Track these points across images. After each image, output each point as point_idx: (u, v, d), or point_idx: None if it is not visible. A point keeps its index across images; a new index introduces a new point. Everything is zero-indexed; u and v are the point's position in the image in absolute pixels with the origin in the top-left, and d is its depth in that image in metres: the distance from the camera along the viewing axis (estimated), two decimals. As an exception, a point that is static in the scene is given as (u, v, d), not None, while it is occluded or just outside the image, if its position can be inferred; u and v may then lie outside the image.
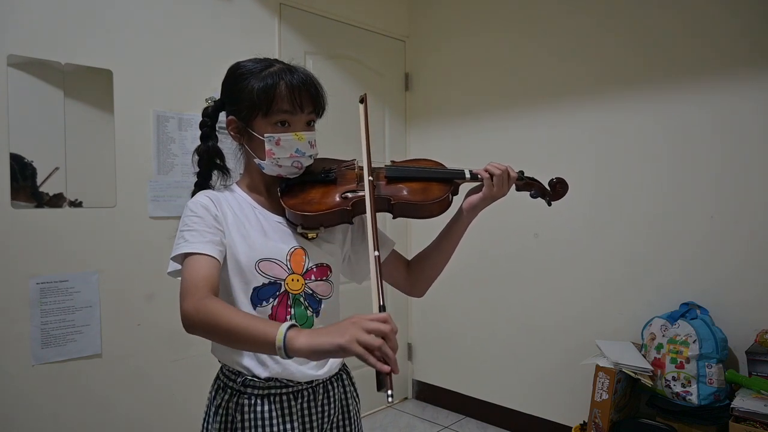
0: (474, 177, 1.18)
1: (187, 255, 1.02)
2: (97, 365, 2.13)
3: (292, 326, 0.88)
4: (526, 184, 1.23)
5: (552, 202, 1.26)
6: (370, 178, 1.07)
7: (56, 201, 2.04)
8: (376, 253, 0.94)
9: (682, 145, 2.34)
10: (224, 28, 2.53)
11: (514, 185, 1.20)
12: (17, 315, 1.94)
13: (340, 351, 0.82)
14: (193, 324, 0.94)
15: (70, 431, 2.07)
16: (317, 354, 0.85)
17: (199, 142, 1.19)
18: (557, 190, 1.25)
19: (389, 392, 0.79)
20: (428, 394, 3.40)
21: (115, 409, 2.18)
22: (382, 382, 0.80)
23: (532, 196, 1.26)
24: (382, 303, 0.88)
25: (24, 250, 1.97)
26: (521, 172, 1.21)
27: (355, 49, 3.16)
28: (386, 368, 0.80)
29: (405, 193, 1.15)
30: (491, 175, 1.16)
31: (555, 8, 2.75)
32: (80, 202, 2.10)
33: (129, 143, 2.23)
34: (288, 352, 0.86)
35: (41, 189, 2.01)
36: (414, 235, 3.38)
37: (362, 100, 1.18)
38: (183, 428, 2.34)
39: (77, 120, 2.09)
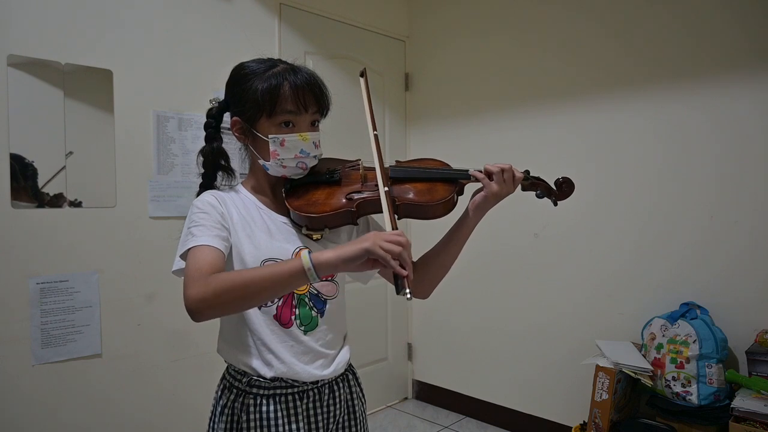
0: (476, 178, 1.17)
1: (191, 248, 1.01)
2: (97, 365, 2.12)
3: (309, 252, 0.94)
4: (532, 183, 1.22)
5: (558, 202, 1.24)
6: (376, 132, 1.12)
7: (56, 201, 2.03)
8: (386, 188, 1.05)
9: (681, 145, 2.35)
10: (224, 28, 2.53)
11: (519, 185, 1.19)
12: (17, 315, 1.94)
13: (365, 255, 0.92)
14: (206, 301, 0.91)
15: (70, 431, 2.07)
16: (345, 261, 0.93)
17: (202, 143, 1.19)
18: (563, 189, 1.23)
19: (407, 291, 0.90)
20: (428, 394, 3.40)
21: (115, 409, 2.17)
22: (401, 284, 0.91)
23: (538, 196, 1.24)
24: (394, 225, 0.99)
25: (24, 250, 1.96)
26: (527, 172, 1.20)
27: (355, 49, 3.16)
28: (404, 272, 0.91)
29: (410, 194, 1.14)
30: (489, 174, 1.14)
31: (554, 9, 2.75)
32: (80, 202, 2.09)
33: (129, 143, 2.22)
34: (318, 270, 0.92)
35: (44, 189, 2.00)
36: (415, 236, 3.38)
37: (362, 74, 1.19)
38: (183, 428, 2.34)
39: (77, 120, 2.08)
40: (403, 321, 3.46)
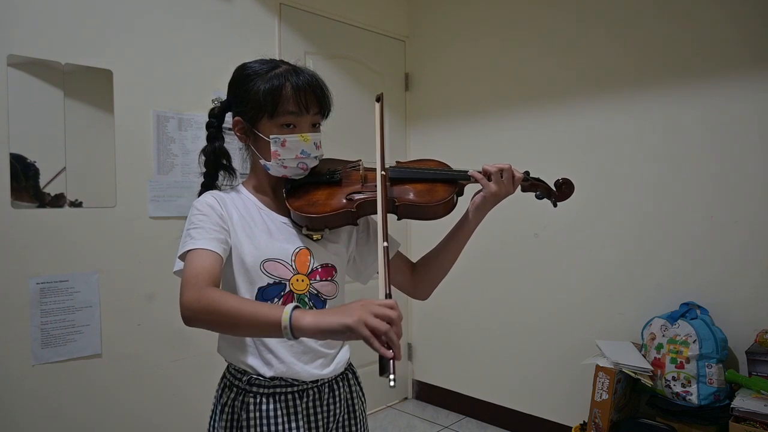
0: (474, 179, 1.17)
1: (189, 251, 1.01)
2: (97, 365, 2.12)
3: (296, 307, 0.88)
4: (532, 184, 1.22)
5: (558, 203, 1.24)
6: (383, 172, 1.08)
7: (57, 201, 2.03)
8: (385, 244, 0.95)
9: (681, 145, 2.35)
10: (224, 28, 2.53)
11: (519, 186, 1.19)
12: (17, 315, 1.94)
13: (346, 331, 0.83)
14: (195, 313, 0.92)
15: (70, 431, 2.06)
16: (323, 333, 0.85)
17: (203, 143, 1.19)
18: (563, 190, 1.23)
19: (392, 377, 0.80)
20: (428, 394, 3.40)
21: (115, 409, 2.17)
22: (385, 366, 0.81)
23: (538, 197, 1.24)
24: (388, 291, 0.90)
25: (24, 250, 1.96)
26: (527, 173, 1.20)
27: (355, 49, 3.16)
28: (390, 354, 0.81)
29: (409, 195, 1.15)
30: (487, 175, 1.14)
31: (553, 11, 2.75)
32: (80, 202, 2.09)
33: (129, 143, 2.22)
34: (294, 332, 0.86)
35: (44, 189, 2.00)
36: (414, 237, 3.38)
37: (378, 99, 1.18)
38: (183, 428, 2.34)
39: (77, 120, 2.08)
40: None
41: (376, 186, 1.10)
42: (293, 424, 1.10)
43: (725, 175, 2.24)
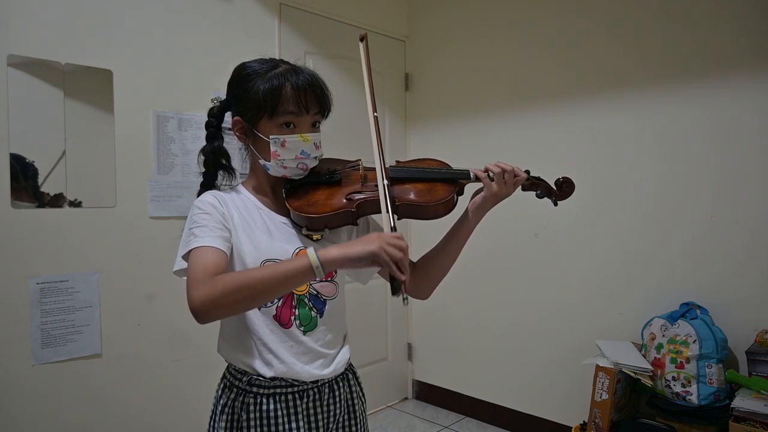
0: (477, 177, 1.17)
1: (194, 249, 1.01)
2: (97, 365, 2.12)
3: (314, 249, 0.95)
4: (532, 183, 1.22)
5: (558, 202, 1.24)
6: (376, 114, 1.11)
7: (56, 201, 2.03)
8: (386, 182, 1.05)
9: (681, 145, 2.35)
10: (224, 28, 2.53)
11: (519, 185, 1.19)
12: (17, 315, 1.94)
13: (370, 257, 0.93)
14: (212, 303, 0.91)
15: (70, 431, 2.06)
16: (351, 261, 0.94)
17: (203, 143, 1.19)
18: (564, 189, 1.23)
19: (404, 296, 0.92)
20: (428, 394, 3.40)
21: (115, 409, 2.17)
22: (398, 288, 0.93)
23: (538, 196, 1.24)
24: (393, 225, 1.00)
25: (24, 250, 1.96)
26: (527, 172, 1.20)
27: (355, 49, 3.11)
28: (403, 277, 0.93)
29: (410, 194, 1.14)
30: (490, 174, 1.14)
31: (554, 10, 2.75)
32: (80, 202, 2.09)
33: (129, 143, 2.22)
34: (324, 268, 0.93)
35: (43, 188, 2.00)
36: (414, 237, 3.38)
37: (362, 39, 1.18)
38: (183, 428, 2.34)
39: (77, 120, 2.08)
40: (403, 321, 3.46)
41: (376, 186, 1.10)
42: (293, 425, 1.10)
43: (725, 175, 2.24)
